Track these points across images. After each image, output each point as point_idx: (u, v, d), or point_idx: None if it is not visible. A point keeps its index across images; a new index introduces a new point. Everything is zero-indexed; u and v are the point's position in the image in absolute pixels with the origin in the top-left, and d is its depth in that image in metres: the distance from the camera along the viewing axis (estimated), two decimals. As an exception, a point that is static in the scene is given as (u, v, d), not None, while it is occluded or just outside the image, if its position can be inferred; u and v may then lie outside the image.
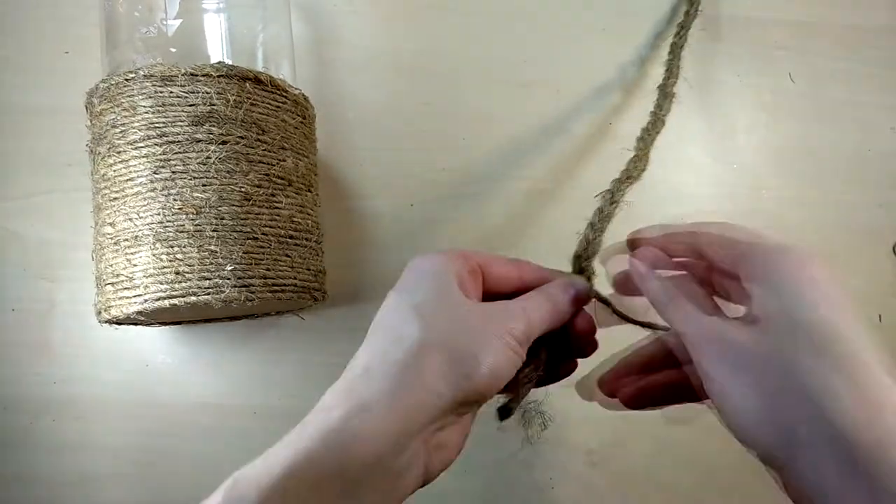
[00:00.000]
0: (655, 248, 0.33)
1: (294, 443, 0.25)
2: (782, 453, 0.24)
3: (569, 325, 0.33)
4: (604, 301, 0.36)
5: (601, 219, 0.35)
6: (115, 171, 0.38)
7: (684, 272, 0.33)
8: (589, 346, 0.34)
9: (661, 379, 0.34)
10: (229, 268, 0.37)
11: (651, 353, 0.35)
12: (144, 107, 0.38)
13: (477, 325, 0.28)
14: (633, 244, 0.35)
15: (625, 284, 0.36)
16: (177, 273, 0.37)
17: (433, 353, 0.27)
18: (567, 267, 0.36)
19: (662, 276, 0.32)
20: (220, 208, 0.38)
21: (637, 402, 0.34)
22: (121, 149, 0.38)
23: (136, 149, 0.38)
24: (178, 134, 0.38)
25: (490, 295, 0.32)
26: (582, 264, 0.35)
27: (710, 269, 0.32)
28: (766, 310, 0.26)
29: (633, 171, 0.38)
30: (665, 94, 0.46)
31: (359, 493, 0.24)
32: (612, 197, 0.36)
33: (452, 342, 0.27)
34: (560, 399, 0.39)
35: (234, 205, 0.38)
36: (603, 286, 0.36)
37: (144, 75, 0.38)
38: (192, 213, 0.37)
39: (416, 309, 0.28)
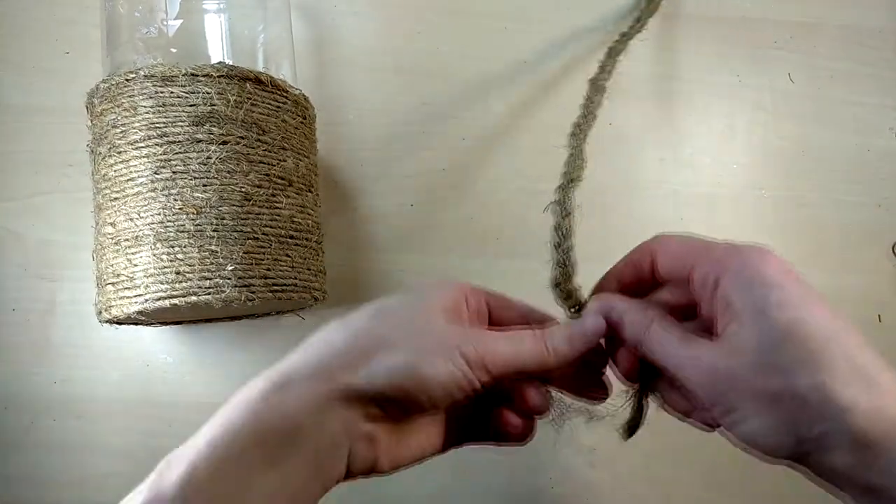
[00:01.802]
0: (608, 290, 0.32)
1: (219, 416, 0.25)
2: (801, 457, 0.25)
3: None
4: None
5: (563, 235, 0.32)
6: (115, 171, 0.38)
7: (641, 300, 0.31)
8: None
9: None
10: (230, 268, 0.37)
11: None
12: (145, 107, 0.38)
13: (432, 335, 0.27)
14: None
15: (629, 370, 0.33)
16: (177, 273, 0.37)
17: (368, 339, 0.27)
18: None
19: (625, 307, 0.30)
20: (220, 208, 0.38)
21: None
22: (121, 149, 0.38)
23: (136, 149, 0.38)
24: (179, 134, 0.38)
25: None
26: (567, 288, 0.32)
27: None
28: (737, 324, 0.26)
29: (573, 171, 0.35)
30: (596, 87, 0.43)
31: (280, 462, 0.24)
32: (564, 209, 0.32)
33: (392, 336, 0.27)
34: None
35: (234, 205, 0.38)
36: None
37: (145, 75, 0.38)
38: (193, 213, 0.37)
39: (381, 310, 0.28)
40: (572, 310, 0.32)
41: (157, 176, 0.37)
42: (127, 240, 0.38)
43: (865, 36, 0.58)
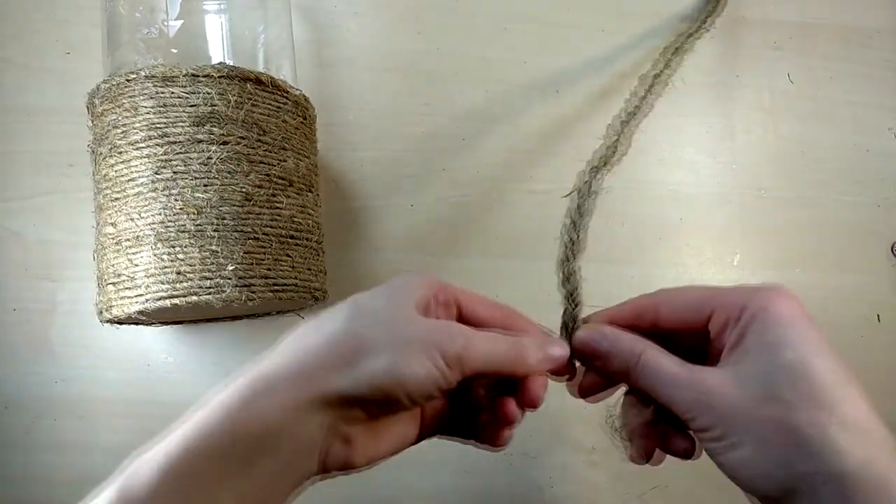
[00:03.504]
0: (603, 321, 0.32)
1: (194, 419, 0.25)
2: (784, 496, 0.25)
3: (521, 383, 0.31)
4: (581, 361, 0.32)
5: (580, 213, 0.32)
6: (116, 171, 0.38)
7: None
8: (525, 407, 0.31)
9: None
10: (230, 268, 0.37)
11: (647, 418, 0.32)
12: (146, 107, 0.38)
13: (409, 333, 0.27)
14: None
15: (590, 387, 0.33)
16: (178, 273, 0.37)
17: (348, 341, 0.26)
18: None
19: (622, 336, 0.30)
20: (221, 208, 0.38)
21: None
22: (122, 149, 0.38)
23: (137, 149, 0.38)
24: (180, 134, 0.38)
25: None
26: (569, 268, 0.32)
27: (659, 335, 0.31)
28: (746, 357, 0.26)
29: (609, 156, 0.35)
30: (657, 82, 0.44)
31: (254, 466, 0.24)
32: (588, 187, 0.33)
33: (373, 338, 0.26)
34: (559, 398, 0.39)
35: (235, 205, 0.38)
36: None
37: (146, 76, 0.38)
38: (194, 214, 0.37)
39: (356, 305, 0.28)
40: (567, 303, 0.32)
41: (157, 176, 0.37)
42: (128, 240, 0.38)
43: (865, 36, 0.58)
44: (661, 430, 0.31)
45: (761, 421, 0.25)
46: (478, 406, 0.31)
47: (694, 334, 0.29)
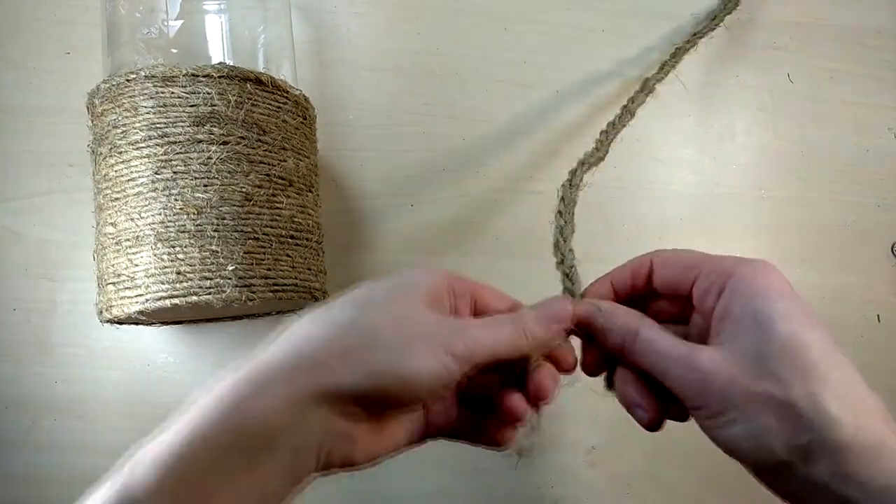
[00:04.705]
0: (600, 293, 0.32)
1: (193, 414, 0.24)
2: (783, 468, 0.25)
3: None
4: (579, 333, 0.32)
5: (567, 203, 0.34)
6: (116, 171, 0.38)
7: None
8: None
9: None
10: (230, 268, 0.37)
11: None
12: (146, 107, 0.38)
13: (416, 329, 0.26)
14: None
15: (593, 364, 0.32)
16: (178, 273, 0.37)
17: (350, 335, 0.26)
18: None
19: (618, 311, 0.30)
20: (221, 208, 0.38)
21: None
22: (122, 149, 0.38)
23: (137, 149, 0.38)
24: (180, 134, 0.38)
25: None
26: (563, 251, 0.33)
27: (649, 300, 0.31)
28: (738, 331, 0.26)
29: (591, 157, 0.38)
30: (646, 86, 0.46)
31: (251, 464, 0.24)
32: (572, 180, 0.35)
33: (376, 332, 0.26)
34: (559, 399, 0.39)
35: (235, 205, 0.38)
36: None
37: (146, 76, 0.38)
38: (194, 214, 0.37)
39: (362, 301, 0.27)
40: (565, 280, 0.33)
41: (157, 176, 0.37)
42: (128, 240, 0.38)
43: (865, 36, 0.58)
44: (656, 397, 0.30)
45: (756, 398, 0.25)
46: (484, 404, 0.31)
47: (681, 297, 0.30)
